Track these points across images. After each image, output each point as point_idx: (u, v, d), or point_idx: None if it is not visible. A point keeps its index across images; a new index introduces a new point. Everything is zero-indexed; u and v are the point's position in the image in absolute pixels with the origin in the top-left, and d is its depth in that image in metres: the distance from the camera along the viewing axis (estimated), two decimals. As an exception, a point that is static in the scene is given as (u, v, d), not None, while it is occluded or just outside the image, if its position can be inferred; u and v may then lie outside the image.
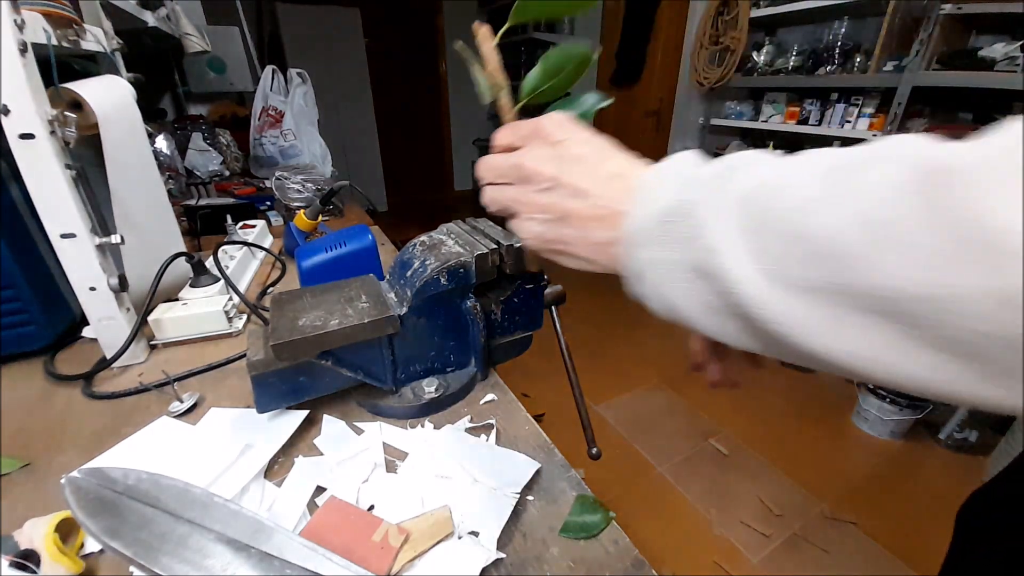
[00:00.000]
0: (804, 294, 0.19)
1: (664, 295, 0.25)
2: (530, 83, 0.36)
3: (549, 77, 0.35)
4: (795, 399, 1.88)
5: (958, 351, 0.16)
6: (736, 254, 0.21)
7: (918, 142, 0.19)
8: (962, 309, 0.15)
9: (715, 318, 0.23)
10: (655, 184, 0.26)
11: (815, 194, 0.19)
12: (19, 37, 0.45)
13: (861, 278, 0.17)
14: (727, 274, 0.21)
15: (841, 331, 0.18)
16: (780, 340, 0.20)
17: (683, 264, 0.23)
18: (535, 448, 0.47)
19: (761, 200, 0.21)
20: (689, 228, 0.23)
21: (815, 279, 0.18)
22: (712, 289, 0.22)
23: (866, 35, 1.98)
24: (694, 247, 0.22)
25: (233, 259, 0.80)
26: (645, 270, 0.25)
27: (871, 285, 0.17)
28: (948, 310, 0.16)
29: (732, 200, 0.22)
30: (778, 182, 0.21)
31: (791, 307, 0.19)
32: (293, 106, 1.53)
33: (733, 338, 0.23)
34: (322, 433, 0.48)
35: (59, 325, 0.64)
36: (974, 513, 0.51)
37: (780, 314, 0.20)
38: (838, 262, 0.18)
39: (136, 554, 0.29)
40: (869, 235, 0.17)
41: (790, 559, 1.26)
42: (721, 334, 0.23)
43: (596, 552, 0.37)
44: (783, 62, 2.23)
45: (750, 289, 0.20)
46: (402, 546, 0.35)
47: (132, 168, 0.64)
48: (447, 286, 0.47)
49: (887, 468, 1.56)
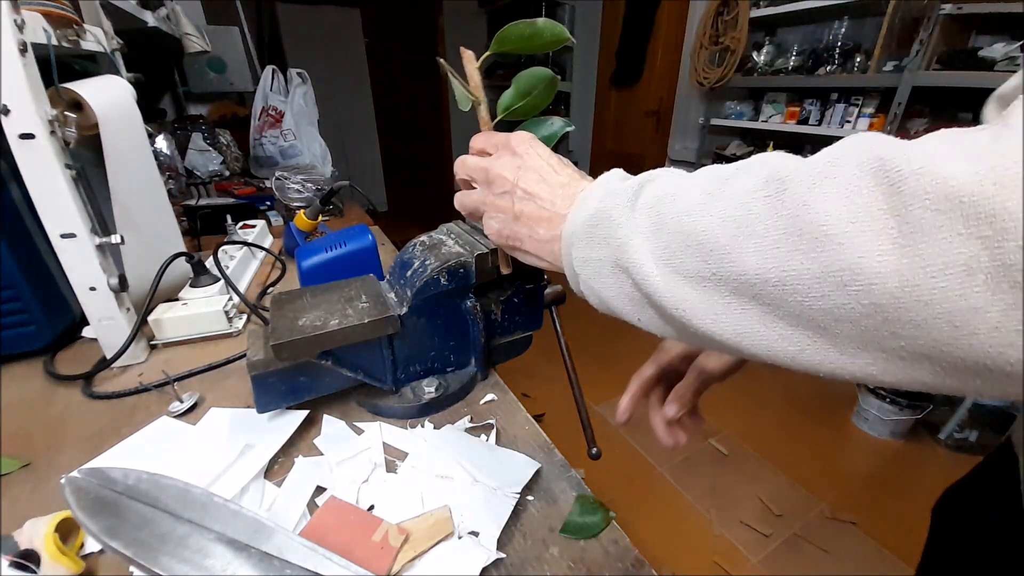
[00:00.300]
0: (693, 282, 0.23)
1: (595, 289, 0.29)
2: (505, 101, 0.41)
3: (522, 96, 0.41)
4: (795, 399, 1.88)
5: (808, 325, 0.19)
6: (642, 251, 0.25)
7: (773, 157, 0.23)
8: (801, 288, 0.19)
9: (636, 308, 0.27)
10: (587, 195, 0.30)
11: (698, 200, 0.23)
12: (19, 37, 0.45)
13: (728, 266, 0.21)
14: (639, 268, 0.25)
15: (722, 312, 0.22)
16: (684, 324, 0.24)
17: (607, 260, 0.27)
18: (535, 448, 0.47)
19: (660, 206, 0.25)
20: (607, 230, 0.27)
21: (700, 269, 0.22)
22: (629, 281, 0.26)
23: (866, 35, 1.97)
24: (612, 245, 0.27)
25: (233, 259, 0.80)
26: (579, 268, 0.29)
27: (737, 272, 0.21)
28: (793, 290, 0.19)
29: (639, 206, 0.26)
30: (675, 192, 0.25)
31: (685, 293, 0.23)
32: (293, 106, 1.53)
33: (654, 326, 0.27)
34: (322, 433, 0.48)
35: (59, 325, 0.64)
36: (949, 508, 0.52)
37: (679, 300, 0.23)
38: (711, 253, 0.22)
39: (136, 554, 0.29)
40: (731, 230, 0.21)
41: (790, 559, 1.26)
42: (644, 323, 0.27)
43: (596, 552, 0.37)
44: (783, 62, 2.23)
45: (655, 280, 0.24)
46: (402, 546, 0.35)
47: (132, 168, 0.64)
48: (447, 286, 0.47)
49: (887, 468, 1.56)
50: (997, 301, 0.15)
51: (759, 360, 0.22)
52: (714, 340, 0.23)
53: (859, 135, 0.20)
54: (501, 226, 0.35)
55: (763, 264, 0.20)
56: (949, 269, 0.16)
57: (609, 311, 0.29)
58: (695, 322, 0.23)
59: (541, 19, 0.37)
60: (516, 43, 0.38)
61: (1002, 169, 0.15)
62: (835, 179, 0.18)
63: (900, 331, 0.17)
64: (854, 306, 0.18)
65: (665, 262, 0.24)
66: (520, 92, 0.41)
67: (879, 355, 0.18)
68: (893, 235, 0.17)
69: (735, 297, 0.21)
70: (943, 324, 0.16)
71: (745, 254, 0.20)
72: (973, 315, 0.15)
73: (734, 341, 0.22)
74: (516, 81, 0.41)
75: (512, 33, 0.38)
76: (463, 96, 0.39)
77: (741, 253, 0.21)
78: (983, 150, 0.15)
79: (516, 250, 0.35)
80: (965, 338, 0.16)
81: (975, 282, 0.15)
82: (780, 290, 0.19)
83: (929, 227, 0.16)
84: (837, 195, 0.18)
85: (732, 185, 0.23)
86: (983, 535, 0.46)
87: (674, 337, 0.26)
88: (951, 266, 0.16)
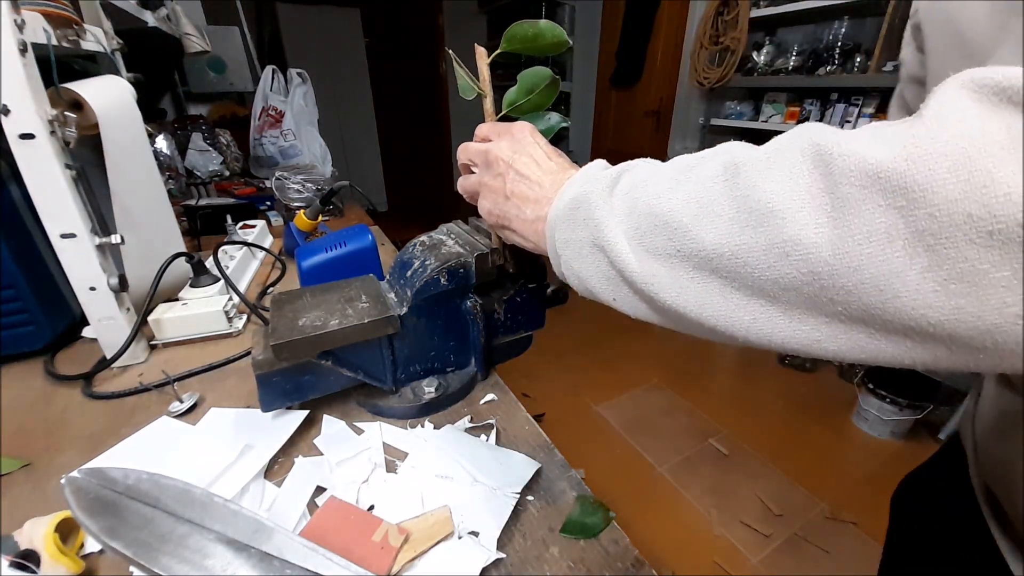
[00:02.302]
0: (660, 257, 0.25)
1: (575, 270, 0.30)
2: (510, 97, 0.44)
3: (526, 93, 0.43)
4: (795, 399, 1.88)
5: (759, 295, 0.21)
6: (616, 231, 0.27)
7: (733, 146, 0.25)
8: (751, 260, 0.21)
9: (611, 286, 0.29)
10: (571, 181, 0.32)
11: (666, 185, 0.26)
12: (19, 37, 0.45)
13: (690, 243, 0.23)
14: (613, 246, 0.27)
15: (687, 286, 0.24)
16: (652, 298, 0.26)
17: (585, 241, 0.29)
18: (535, 448, 0.47)
19: (634, 190, 0.27)
20: (587, 212, 0.29)
21: (667, 247, 0.24)
22: (605, 260, 0.28)
23: (866, 35, 1.97)
24: (589, 226, 0.29)
25: (233, 259, 0.80)
26: (560, 249, 0.31)
27: (697, 248, 0.23)
28: (744, 262, 0.21)
29: (617, 191, 0.28)
30: (647, 178, 0.27)
31: (654, 269, 0.25)
32: (293, 106, 1.53)
33: (628, 305, 0.28)
34: (322, 433, 0.48)
35: (59, 325, 0.64)
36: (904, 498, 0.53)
37: (648, 275, 0.25)
38: (675, 231, 0.24)
39: (136, 554, 0.29)
40: (693, 210, 0.23)
41: (790, 559, 1.26)
42: (619, 302, 0.29)
43: (596, 552, 0.37)
44: (783, 62, 2.23)
45: (627, 257, 0.26)
46: (402, 546, 0.35)
47: (132, 168, 0.64)
48: (447, 286, 0.47)
49: (887, 468, 1.56)
50: (915, 264, 0.17)
51: (719, 334, 0.24)
52: (680, 314, 0.25)
53: (805, 124, 0.22)
54: (492, 205, 0.37)
55: (719, 240, 0.22)
56: (873, 237, 0.17)
57: (588, 292, 0.31)
58: (662, 296, 0.25)
59: (543, 20, 0.39)
60: (521, 42, 0.40)
61: (912, 148, 0.17)
62: (780, 163, 0.21)
63: (836, 296, 0.19)
64: (795, 275, 0.20)
65: (637, 241, 0.26)
66: (524, 89, 0.43)
67: (822, 320, 0.20)
68: (827, 210, 0.19)
69: (697, 272, 0.24)
70: (871, 288, 0.18)
71: (704, 231, 0.23)
72: (895, 279, 0.17)
73: (696, 313, 0.24)
74: (521, 78, 0.43)
75: (517, 32, 0.39)
76: (466, 86, 0.41)
77: (700, 231, 0.23)
78: (898, 135, 0.18)
79: (504, 229, 0.37)
80: (891, 301, 0.17)
81: (895, 248, 0.17)
82: (734, 263, 0.22)
83: (855, 201, 0.18)
84: (782, 177, 0.20)
85: (696, 172, 0.25)
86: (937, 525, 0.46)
87: (645, 315, 0.28)
88: (874, 234, 0.17)
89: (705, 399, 1.88)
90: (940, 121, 0.17)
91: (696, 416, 1.80)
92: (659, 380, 2.01)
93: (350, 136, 4.07)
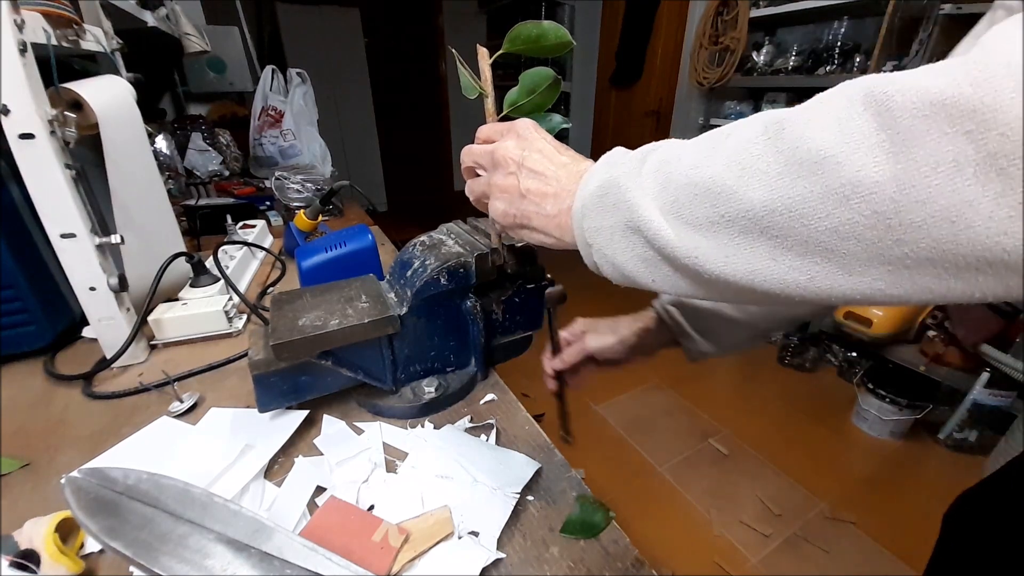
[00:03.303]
0: (702, 227, 0.24)
1: (608, 257, 0.29)
2: (512, 97, 0.44)
3: (527, 93, 0.43)
4: (795, 399, 1.88)
5: (816, 250, 0.20)
6: (652, 208, 0.26)
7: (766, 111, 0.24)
8: (807, 211, 0.20)
9: (649, 268, 0.28)
10: (594, 169, 0.31)
11: (703, 154, 0.25)
12: (19, 37, 0.45)
13: (736, 205, 0.22)
14: (648, 224, 0.26)
15: (733, 253, 0.23)
16: (697, 272, 0.25)
17: (618, 226, 0.28)
18: (535, 448, 0.47)
19: (665, 166, 0.26)
20: (617, 196, 0.28)
21: (709, 214, 0.23)
22: (642, 241, 0.27)
23: (866, 35, 1.98)
24: (621, 209, 0.28)
25: (233, 259, 0.80)
26: (591, 238, 0.30)
27: (744, 208, 0.22)
28: (799, 215, 0.20)
29: (645, 170, 0.27)
30: (679, 153, 0.26)
31: (697, 241, 0.24)
32: (293, 106, 1.53)
33: (668, 284, 0.27)
34: (322, 433, 0.48)
35: (59, 325, 0.64)
36: (961, 515, 0.52)
37: (691, 248, 0.24)
38: (718, 196, 0.23)
39: (136, 554, 0.29)
40: (736, 173, 0.22)
41: (790, 559, 1.26)
42: (658, 283, 0.28)
43: (596, 552, 0.37)
44: (783, 62, 2.23)
45: (666, 233, 0.25)
46: (402, 546, 0.35)
47: (132, 168, 0.64)
48: (447, 286, 0.47)
49: (887, 468, 1.56)
50: (987, 191, 0.16)
51: (773, 297, 0.23)
52: (728, 283, 0.24)
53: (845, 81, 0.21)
54: (507, 206, 0.35)
55: (769, 196, 0.21)
56: (940, 167, 0.17)
57: (625, 277, 0.29)
58: (708, 267, 0.24)
59: (547, 21, 0.39)
60: (524, 43, 0.40)
61: (976, 72, 0.16)
62: (827, 111, 0.20)
63: (903, 236, 0.18)
64: (857, 219, 0.19)
65: (675, 215, 0.25)
66: (525, 89, 0.43)
67: (885, 269, 0.19)
68: (886, 147, 0.18)
69: (744, 236, 0.22)
70: (941, 221, 0.17)
71: (750, 191, 0.22)
72: (967, 208, 0.16)
73: (747, 280, 0.23)
74: (522, 79, 0.43)
75: (521, 33, 0.39)
76: (469, 85, 0.41)
77: (747, 191, 0.22)
78: (957, 64, 0.17)
79: (523, 228, 0.36)
80: (963, 232, 0.17)
81: (965, 176, 0.16)
82: (787, 218, 0.21)
83: (918, 132, 0.17)
84: (830, 123, 0.20)
85: (733, 137, 0.24)
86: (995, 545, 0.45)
87: (688, 291, 0.27)
88: (941, 164, 0.17)
89: (705, 399, 1.88)
90: (998, 44, 0.16)
91: (696, 416, 1.80)
92: (659, 380, 2.01)
93: (350, 136, 4.07)
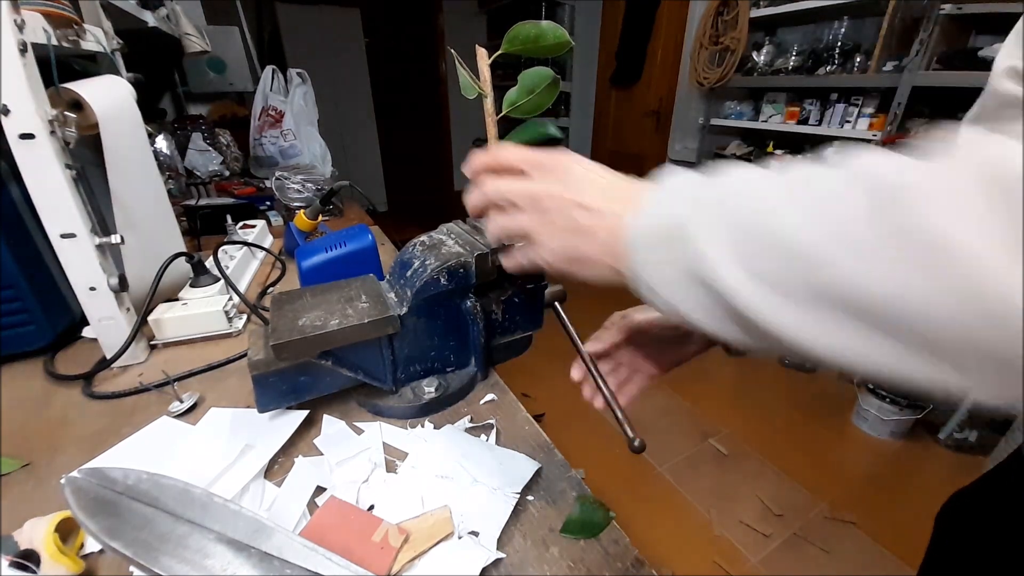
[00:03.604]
0: (790, 299, 0.21)
1: (667, 300, 0.26)
2: (511, 97, 0.43)
3: (527, 93, 0.43)
4: (795, 399, 1.88)
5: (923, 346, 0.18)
6: (725, 261, 0.22)
7: (866, 155, 0.21)
8: (920, 309, 0.17)
9: (717, 322, 0.24)
10: (653, 198, 0.28)
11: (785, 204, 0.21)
12: (19, 37, 0.45)
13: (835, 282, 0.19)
14: (722, 281, 0.22)
15: (824, 332, 0.20)
16: (779, 340, 0.22)
17: (681, 271, 0.25)
18: (535, 448, 0.47)
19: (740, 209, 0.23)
20: (682, 238, 0.24)
21: (798, 285, 0.20)
22: (709, 295, 0.23)
23: (866, 35, 1.97)
24: (687, 255, 0.24)
25: (233, 259, 0.80)
26: (648, 275, 0.27)
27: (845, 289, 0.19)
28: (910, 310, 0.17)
29: (716, 211, 0.24)
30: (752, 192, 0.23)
31: (782, 311, 0.21)
32: (293, 106, 1.53)
33: (738, 340, 0.24)
34: (322, 433, 0.48)
35: (59, 325, 0.64)
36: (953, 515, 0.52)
37: (773, 315, 0.21)
38: (811, 266, 0.20)
39: (136, 554, 0.29)
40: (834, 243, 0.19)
41: (790, 559, 1.26)
42: (726, 336, 0.24)
43: (596, 552, 0.37)
44: (783, 62, 2.22)
45: (746, 296, 0.22)
46: (402, 546, 0.35)
47: (132, 168, 0.64)
48: (447, 286, 0.47)
49: (887, 468, 1.56)
50: None
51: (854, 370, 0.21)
52: (806, 351, 0.21)
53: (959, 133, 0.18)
54: (560, 246, 0.32)
55: (878, 284, 0.18)
56: None
57: (684, 323, 0.26)
58: (788, 335, 0.21)
59: (545, 21, 0.39)
60: (523, 43, 0.40)
61: None
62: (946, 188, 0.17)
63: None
64: (980, 324, 0.16)
65: (758, 277, 0.22)
66: (525, 89, 0.43)
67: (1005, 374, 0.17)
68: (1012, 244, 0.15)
69: (842, 313, 0.19)
70: None
71: (855, 274, 0.19)
72: None
73: (828, 353, 0.21)
74: (522, 78, 0.43)
75: (519, 33, 0.39)
76: (468, 85, 0.42)
77: (849, 271, 0.19)
78: None
79: (577, 263, 0.32)
80: None
81: None
82: (897, 312, 0.18)
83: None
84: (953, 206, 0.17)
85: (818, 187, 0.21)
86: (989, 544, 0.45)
87: (748, 344, 0.24)
88: None
89: (705, 399, 1.88)
90: None
91: (696, 416, 1.80)
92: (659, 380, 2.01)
93: (350, 136, 4.07)
